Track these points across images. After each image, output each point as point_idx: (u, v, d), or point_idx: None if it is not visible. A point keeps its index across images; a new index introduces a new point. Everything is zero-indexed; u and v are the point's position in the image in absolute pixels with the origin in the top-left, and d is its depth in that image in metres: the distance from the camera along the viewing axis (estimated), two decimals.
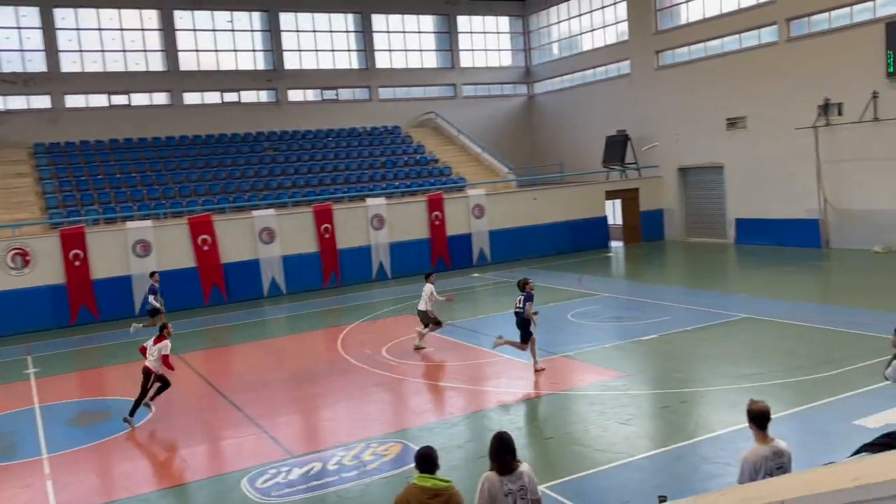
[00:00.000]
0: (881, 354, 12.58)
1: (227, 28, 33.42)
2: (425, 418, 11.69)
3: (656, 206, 32.47)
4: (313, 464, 10.07)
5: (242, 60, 33.86)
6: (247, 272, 25.07)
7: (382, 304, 22.33)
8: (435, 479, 5.37)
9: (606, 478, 8.96)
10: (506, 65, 40.19)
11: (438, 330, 16.36)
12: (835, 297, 19.13)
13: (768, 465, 5.57)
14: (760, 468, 5.58)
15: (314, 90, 35.61)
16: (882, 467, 2.85)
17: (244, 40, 33.94)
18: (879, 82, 23.69)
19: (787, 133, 26.49)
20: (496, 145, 36.86)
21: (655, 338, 15.38)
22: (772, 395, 11.28)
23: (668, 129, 31.70)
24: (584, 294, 21.17)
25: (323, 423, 12.30)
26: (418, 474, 5.44)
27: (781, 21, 26.80)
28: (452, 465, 9.63)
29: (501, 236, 29.19)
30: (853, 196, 25.02)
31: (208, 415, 12.85)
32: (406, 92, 37.58)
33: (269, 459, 10.39)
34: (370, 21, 36.19)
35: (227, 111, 33.23)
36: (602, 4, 35.31)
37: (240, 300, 24.55)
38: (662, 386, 12.36)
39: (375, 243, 27.01)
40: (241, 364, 16.99)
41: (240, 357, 17.81)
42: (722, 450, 9.40)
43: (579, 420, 11.09)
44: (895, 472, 2.50)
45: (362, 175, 31.14)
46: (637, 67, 33.33)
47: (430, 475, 5.39)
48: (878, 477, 2.53)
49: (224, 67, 33.39)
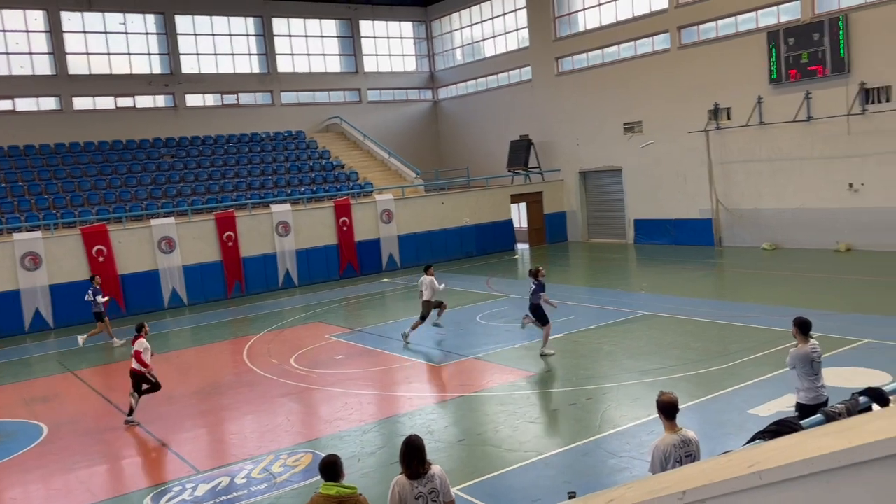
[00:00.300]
0: (771, 346, 13.32)
1: (119, 31, 32.09)
2: (336, 427, 11.55)
3: (559, 208, 33.27)
4: (221, 479, 9.79)
5: (137, 64, 32.59)
6: (146, 283, 24.14)
7: (290, 313, 21.94)
8: (339, 487, 5.42)
9: (518, 477, 9.09)
10: (410, 70, 40.30)
11: (420, 327, 16.57)
12: (728, 293, 20.07)
13: (677, 453, 5.79)
14: (670, 456, 5.79)
15: (213, 95, 34.65)
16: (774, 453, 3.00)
17: (139, 43, 32.68)
18: (763, 88, 25.08)
19: (681, 136, 27.68)
20: (403, 150, 36.89)
21: (561, 337, 15.72)
22: (672, 388, 11.70)
23: (569, 133, 32.55)
24: (492, 296, 21.44)
25: (230, 436, 11.97)
26: (323, 483, 5.49)
27: (673, 29, 27.99)
28: (365, 472, 9.56)
29: (410, 241, 29.23)
30: (742, 196, 26.37)
31: (108, 434, 12.28)
32: (310, 96, 37.12)
33: (174, 476, 10.02)
34: (271, 25, 35.54)
35: (122, 116, 31.90)
36: (503, 11, 35.94)
37: (139, 312, 23.59)
38: (569, 384, 12.65)
39: (281, 251, 26.53)
40: None
41: None
42: (627, 443, 9.70)
43: (490, 421, 11.21)
44: (785, 458, 2.63)
45: (266, 181, 30.54)
46: (538, 73, 34.08)
47: (334, 483, 5.44)
48: (771, 462, 2.66)
49: (117, 71, 32.04)
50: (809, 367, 7.99)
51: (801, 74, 23.94)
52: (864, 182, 22.93)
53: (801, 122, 24.10)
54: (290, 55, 36.26)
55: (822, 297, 17.46)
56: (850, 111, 22.82)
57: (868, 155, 22.77)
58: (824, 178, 23.88)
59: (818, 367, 8.01)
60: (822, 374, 8.07)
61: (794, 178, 24.71)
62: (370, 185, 31.36)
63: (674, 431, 5.95)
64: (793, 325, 8.26)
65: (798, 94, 24.07)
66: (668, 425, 6.01)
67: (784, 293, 18.34)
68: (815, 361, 7.99)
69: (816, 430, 3.77)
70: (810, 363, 7.99)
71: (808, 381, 8.02)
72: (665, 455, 5.82)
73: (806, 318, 8.26)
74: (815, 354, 8.01)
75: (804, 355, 8.03)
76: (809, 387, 8.02)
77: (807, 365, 8.00)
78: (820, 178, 24.00)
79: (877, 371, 11.05)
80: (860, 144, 22.90)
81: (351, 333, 18.28)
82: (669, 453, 5.81)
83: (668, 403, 6.00)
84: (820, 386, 8.00)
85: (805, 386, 8.06)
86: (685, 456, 5.80)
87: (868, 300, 16.71)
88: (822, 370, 8.08)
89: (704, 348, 13.95)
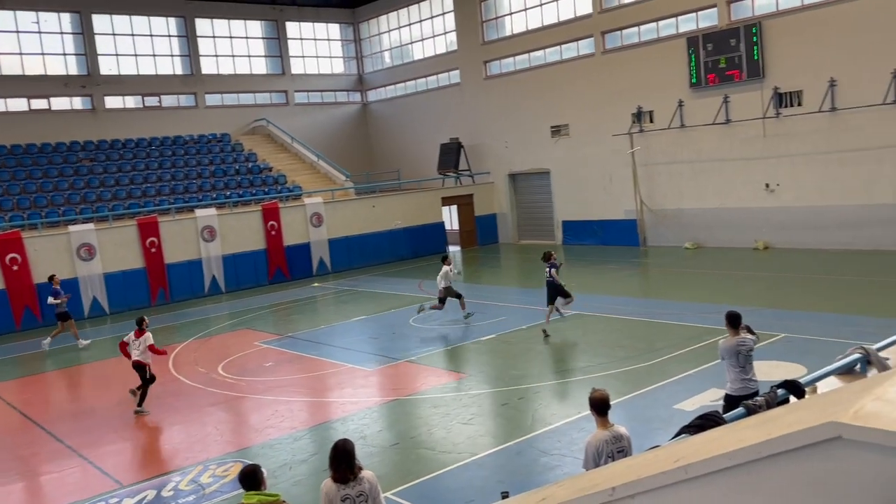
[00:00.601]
0: (695, 342, 13.73)
1: (33, 30, 30.77)
2: (267, 435, 11.34)
3: (490, 210, 33.54)
4: (146, 492, 9.48)
5: (52, 65, 31.33)
6: (65, 292, 23.15)
7: (217, 320, 21.44)
8: (261, 495, 5.44)
9: (452, 478, 9.10)
10: (338, 72, 39.97)
11: (433, 308, 17.62)
12: (653, 292, 20.61)
13: (609, 449, 5.92)
14: (602, 452, 5.91)
15: (134, 96, 33.58)
16: (698, 447, 3.07)
17: (54, 43, 31.41)
18: (684, 92, 25.86)
19: (606, 139, 28.29)
20: (332, 153, 36.55)
21: (493, 337, 15.85)
22: (602, 385, 11.95)
23: (498, 136, 32.87)
24: (424, 299, 21.41)
25: (156, 448, 11.62)
26: (245, 493, 5.48)
27: (597, 34, 28.60)
28: (297, 479, 9.42)
29: (341, 244, 28.96)
30: (665, 197, 27.13)
31: (24, 450, 11.74)
32: (235, 98, 36.39)
33: (96, 492, 9.66)
34: (194, 26, 34.69)
35: (36, 119, 30.58)
36: (431, 15, 36.02)
37: (54, 322, 22.62)
38: (501, 384, 12.75)
39: (207, 256, 25.90)
40: (61, 392, 15.70)
41: (59, 384, 16.44)
42: (558, 441, 9.84)
43: (423, 423, 11.20)
44: (709, 451, 2.70)
45: (190, 185, 29.79)
46: (466, 77, 34.30)
47: (255, 492, 5.45)
48: (695, 456, 2.72)
49: (30, 72, 30.73)
50: (736, 359, 8.22)
51: (719, 79, 24.79)
52: (780, 182, 23.90)
53: (720, 125, 24.96)
54: (214, 56, 35.46)
55: (742, 293, 18.09)
56: (765, 114, 23.76)
57: (782, 156, 23.74)
58: (742, 178, 24.78)
59: (745, 360, 8.21)
60: (751, 367, 8.25)
61: (714, 178, 25.56)
62: (299, 188, 30.95)
63: (605, 428, 6.06)
64: (725, 321, 8.52)
65: (717, 98, 24.92)
66: (600, 421, 6.12)
67: (706, 291, 18.94)
68: (741, 354, 8.20)
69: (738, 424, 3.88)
70: (737, 355, 8.21)
71: (735, 373, 8.26)
72: (598, 451, 5.94)
73: (735, 312, 8.47)
74: (742, 347, 8.22)
75: (730, 347, 8.27)
76: (735, 378, 8.25)
77: (733, 357, 8.24)
78: (738, 178, 24.89)
79: (794, 364, 11.52)
80: (775, 146, 23.86)
81: (281, 340, 17.99)
82: (602, 449, 5.92)
83: (600, 400, 6.12)
84: (747, 378, 8.19)
85: (732, 377, 8.30)
86: (617, 451, 5.92)
87: (785, 296, 17.41)
88: (752, 363, 8.27)
89: (632, 346, 14.27)
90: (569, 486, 3.60)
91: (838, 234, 22.57)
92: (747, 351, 8.23)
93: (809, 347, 12.57)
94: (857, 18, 21.59)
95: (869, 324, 13.39)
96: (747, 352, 8.23)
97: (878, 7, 21.20)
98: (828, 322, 14.22)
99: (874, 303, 15.76)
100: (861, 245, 21.99)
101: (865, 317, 14.30)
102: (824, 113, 22.44)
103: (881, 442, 2.24)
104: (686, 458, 2.74)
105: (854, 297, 16.66)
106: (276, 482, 9.37)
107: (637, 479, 2.81)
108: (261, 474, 5.53)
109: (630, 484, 2.83)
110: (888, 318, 13.69)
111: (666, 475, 2.71)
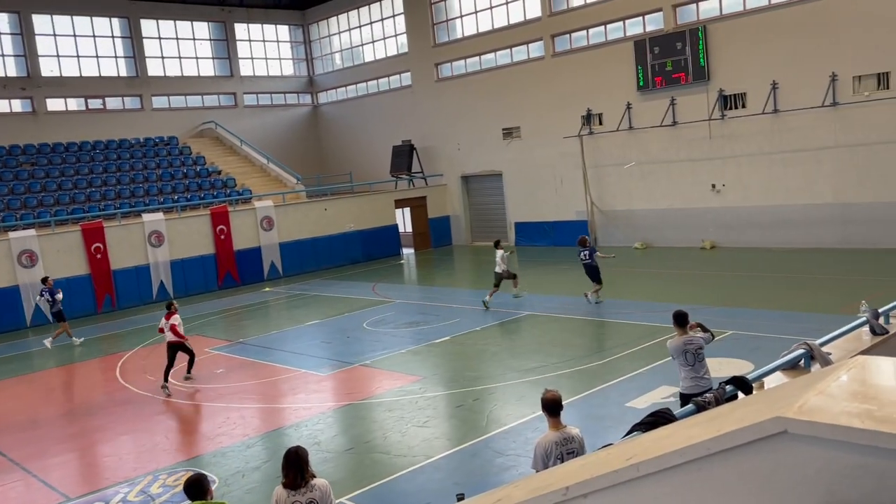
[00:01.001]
0: (646, 341, 13.95)
1: None
2: (219, 443, 11.15)
3: (443, 213, 33.58)
4: None
5: None
6: (5, 300, 22.49)
7: None
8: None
9: (407, 482, 9.07)
10: (288, 74, 39.57)
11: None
12: (604, 291, 20.83)
13: (558, 451, 5.94)
14: (551, 453, 5.94)
15: (77, 99, 32.74)
16: (650, 445, 3.11)
17: None
18: (632, 95, 26.29)
19: (557, 141, 28.58)
20: (283, 156, 36.17)
21: (448, 340, 15.86)
22: (554, 385, 12.03)
23: (451, 138, 32.94)
24: (378, 302, 21.35)
25: (104, 459, 11.32)
26: (190, 503, 5.48)
27: (546, 37, 28.88)
28: (250, 487, 9.28)
29: (293, 248, 28.67)
30: (615, 198, 27.52)
31: None
32: (182, 101, 35.75)
33: None
34: (139, 26, 33.97)
35: None
36: (381, 17, 35.93)
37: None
38: (456, 386, 12.76)
39: (155, 262, 25.37)
40: (2, 403, 15.17)
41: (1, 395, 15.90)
42: (513, 442, 9.89)
43: (378, 427, 11.15)
44: (660, 449, 2.73)
45: (137, 189, 29.16)
46: (418, 79, 34.29)
47: (201, 502, 5.45)
48: (647, 454, 2.76)
49: None
50: (684, 357, 8.33)
51: (666, 82, 25.26)
52: (725, 183, 24.46)
53: (667, 127, 25.43)
54: (160, 58, 34.78)
55: (690, 292, 18.44)
56: (710, 116, 24.29)
57: (728, 157, 24.30)
58: (689, 179, 25.29)
59: (692, 359, 8.30)
60: (702, 365, 8.33)
61: (663, 180, 26.03)
62: (249, 191, 30.55)
63: (557, 429, 6.10)
64: (672, 321, 8.62)
65: (664, 101, 25.39)
66: (552, 422, 6.15)
67: (655, 290, 19.27)
68: (688, 353, 8.30)
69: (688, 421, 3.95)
70: (684, 354, 8.32)
71: (685, 372, 8.37)
72: (546, 452, 5.97)
73: (682, 311, 8.58)
74: (690, 346, 8.31)
75: (677, 347, 8.39)
76: (686, 376, 8.37)
77: (681, 356, 8.35)
78: (686, 179, 25.40)
79: (741, 360, 11.78)
80: (720, 148, 24.41)
81: (232, 346, 17.72)
82: (550, 450, 5.96)
83: (551, 401, 6.15)
84: (698, 376, 8.28)
85: (682, 375, 8.42)
86: (567, 453, 5.94)
87: (732, 294, 17.80)
88: (703, 361, 8.34)
89: (584, 345, 14.43)
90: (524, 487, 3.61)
91: (782, 232, 23.20)
92: (695, 349, 8.31)
93: (756, 344, 12.87)
94: (798, 23, 22.24)
95: (813, 320, 13.77)
96: (695, 350, 8.31)
97: (817, 12, 21.86)
98: (774, 319, 14.59)
99: (817, 299, 16.23)
100: (804, 243, 22.64)
101: (809, 313, 14.71)
102: (767, 115, 23.04)
103: (824, 435, 2.30)
104: (638, 457, 2.77)
105: (798, 294, 17.13)
106: (229, 490, 9.22)
107: (590, 479, 2.84)
108: (206, 483, 5.49)
109: (583, 483, 2.86)
110: (831, 313, 14.10)
111: (618, 474, 2.74)
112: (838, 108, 21.61)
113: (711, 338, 8.61)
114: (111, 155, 31.18)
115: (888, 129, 20.88)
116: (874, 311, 7.99)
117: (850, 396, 2.58)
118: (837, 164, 21.93)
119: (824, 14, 21.69)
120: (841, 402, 2.50)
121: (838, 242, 22.00)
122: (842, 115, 21.62)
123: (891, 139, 20.83)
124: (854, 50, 21.19)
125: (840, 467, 2.25)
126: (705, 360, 8.42)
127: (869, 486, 2.21)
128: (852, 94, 21.44)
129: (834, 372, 2.89)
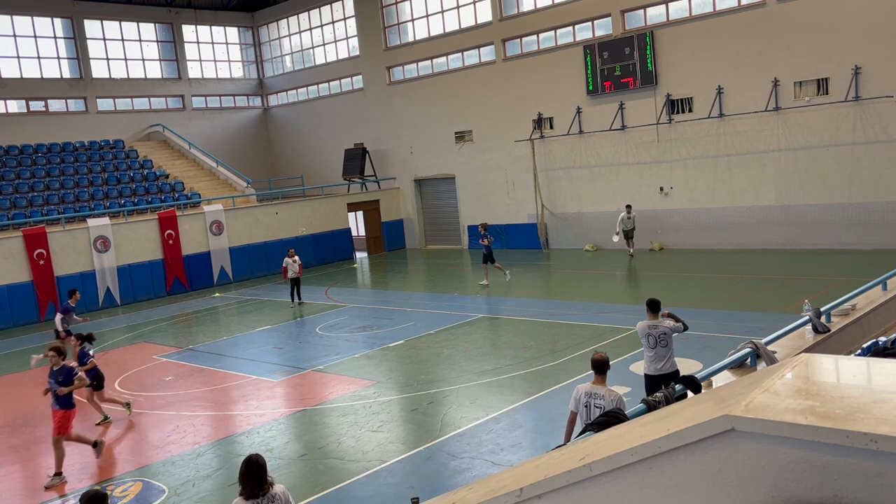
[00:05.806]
0: (597, 341, 14.14)
1: None
2: (168, 451, 10.92)
3: (396, 216, 33.52)
4: None
5: None
6: None
7: (113, 334, 20.52)
8: None
9: (361, 487, 9.01)
10: (237, 76, 39.04)
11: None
12: (556, 293, 21.08)
13: (586, 399, 6.82)
14: (580, 400, 6.87)
15: (17, 101, 31.76)
16: (602, 444, 3.15)
17: None
18: (582, 99, 26.63)
19: (508, 145, 28.78)
20: (232, 159, 35.66)
21: (402, 343, 15.82)
22: (508, 386, 12.14)
23: (403, 141, 32.90)
24: (331, 306, 21.19)
25: (47, 471, 10.97)
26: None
27: (498, 41, 29.07)
28: (201, 496, 9.11)
29: (243, 252, 28.27)
30: (566, 201, 27.83)
31: None
32: (128, 103, 34.97)
33: None
34: (83, 27, 33.13)
35: None
36: (332, 19, 35.71)
37: None
38: (410, 389, 12.73)
39: (101, 268, 24.75)
40: None
41: None
42: (467, 444, 9.90)
43: (332, 433, 11.05)
44: (612, 448, 2.77)
45: (81, 194, 28.40)
46: (370, 82, 34.17)
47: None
48: (600, 454, 2.79)
49: None
50: (646, 340, 8.93)
51: (614, 86, 25.65)
52: (673, 186, 24.94)
53: (616, 131, 25.82)
54: (105, 60, 33.98)
55: (640, 293, 18.74)
56: (658, 120, 24.74)
57: (675, 161, 24.79)
58: (638, 182, 25.71)
59: (654, 342, 8.83)
60: (665, 352, 8.81)
61: (612, 183, 26.41)
62: (197, 195, 30.03)
63: (596, 384, 6.91)
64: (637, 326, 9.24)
65: (613, 105, 25.78)
66: (595, 378, 6.97)
67: (606, 291, 19.53)
68: (651, 336, 8.84)
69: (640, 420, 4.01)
70: (647, 337, 8.90)
71: (647, 354, 8.97)
72: (576, 397, 6.93)
73: (655, 299, 9.12)
74: (654, 331, 8.83)
75: (642, 329, 8.98)
76: (647, 358, 8.98)
77: (644, 338, 8.95)
78: (635, 182, 25.81)
79: (690, 360, 12.01)
80: (668, 151, 24.88)
81: (181, 352, 17.38)
82: (580, 398, 6.88)
83: (596, 361, 7.06)
84: (660, 361, 8.79)
85: (645, 357, 9.05)
86: (595, 406, 6.71)
87: (681, 295, 18.13)
88: (667, 347, 8.82)
89: (537, 346, 14.55)
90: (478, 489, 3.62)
91: (728, 234, 23.76)
92: (658, 335, 8.81)
93: (705, 343, 13.15)
94: (741, 29, 22.82)
95: (759, 319, 14.13)
96: (658, 335, 8.81)
97: (760, 19, 22.46)
98: (721, 319, 14.91)
99: (763, 299, 16.65)
100: (750, 244, 23.22)
101: (756, 313, 15.08)
102: (713, 119, 23.58)
103: (770, 432, 2.35)
104: (591, 456, 2.80)
105: (745, 294, 17.54)
106: (180, 500, 9.04)
107: (544, 479, 2.86)
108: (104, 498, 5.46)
109: (537, 484, 2.87)
110: (776, 312, 14.49)
111: (571, 473, 2.77)
112: (781, 112, 22.24)
113: (684, 328, 9.11)
114: (54, 158, 30.32)
115: (827, 133, 21.57)
116: (816, 310, 8.27)
117: (794, 393, 2.65)
118: (780, 167, 22.56)
119: (767, 21, 22.30)
120: (786, 400, 2.56)
121: (782, 243, 22.64)
122: (784, 119, 22.25)
123: (830, 143, 21.53)
124: (795, 56, 21.84)
125: (785, 463, 2.31)
126: (671, 348, 8.91)
127: (813, 481, 2.27)
128: (794, 100, 22.09)
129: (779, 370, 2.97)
